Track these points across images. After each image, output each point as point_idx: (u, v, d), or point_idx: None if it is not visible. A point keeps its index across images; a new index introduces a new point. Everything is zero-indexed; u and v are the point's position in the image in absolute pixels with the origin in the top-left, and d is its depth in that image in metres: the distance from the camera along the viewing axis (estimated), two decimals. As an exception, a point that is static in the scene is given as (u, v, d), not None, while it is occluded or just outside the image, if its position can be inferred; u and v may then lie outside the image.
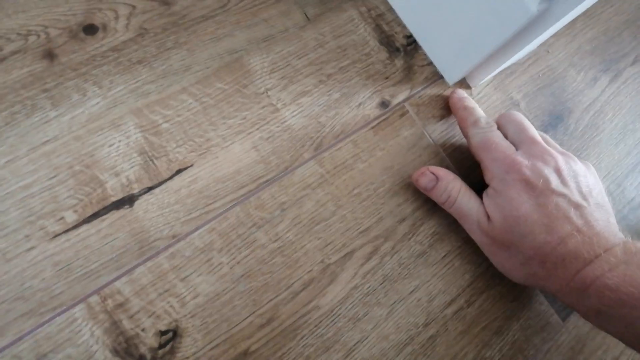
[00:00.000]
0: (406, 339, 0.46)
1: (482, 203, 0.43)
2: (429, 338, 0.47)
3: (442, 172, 0.47)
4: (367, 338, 0.45)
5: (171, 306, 0.41)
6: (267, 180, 0.46)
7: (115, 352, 0.39)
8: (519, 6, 0.44)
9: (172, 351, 0.40)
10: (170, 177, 0.44)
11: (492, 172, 0.42)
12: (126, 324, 0.39)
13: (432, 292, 0.48)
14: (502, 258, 0.43)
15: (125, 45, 0.46)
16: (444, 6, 0.50)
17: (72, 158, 0.42)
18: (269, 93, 0.49)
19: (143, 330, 0.40)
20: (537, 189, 0.40)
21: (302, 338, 0.43)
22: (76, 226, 0.40)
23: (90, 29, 0.45)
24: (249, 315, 0.42)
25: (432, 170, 0.47)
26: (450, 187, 0.46)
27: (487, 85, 0.58)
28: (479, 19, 0.47)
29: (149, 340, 0.40)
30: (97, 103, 0.43)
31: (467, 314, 0.49)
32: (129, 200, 0.42)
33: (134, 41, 0.46)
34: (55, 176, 0.41)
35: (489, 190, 0.44)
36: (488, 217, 0.43)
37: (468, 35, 0.49)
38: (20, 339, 0.37)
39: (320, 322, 0.44)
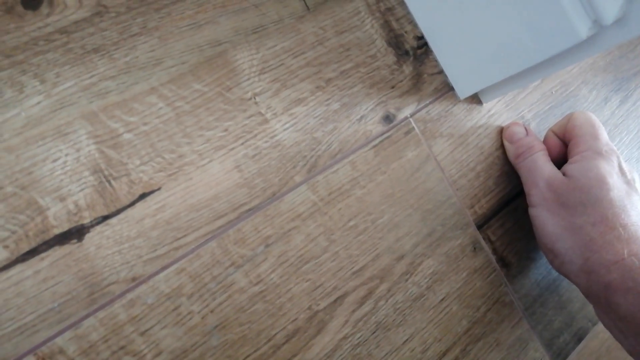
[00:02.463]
0: (397, 395, 0.40)
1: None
2: (422, 393, 0.41)
3: (531, 130, 0.49)
4: (355, 396, 0.39)
5: (128, 368, 0.33)
6: (250, 209, 0.38)
7: None
8: (567, 29, 0.37)
9: None
10: (132, 204, 0.35)
11: (586, 143, 0.44)
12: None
13: (426, 340, 0.43)
14: (560, 218, 0.43)
15: (77, 26, 0.35)
16: (468, 9, 0.41)
17: (2, 176, 0.32)
18: (257, 99, 0.40)
19: None
20: (627, 177, 0.43)
21: (282, 400, 0.36)
22: (6, 266, 0.31)
23: (31, 2, 0.34)
24: (222, 375, 0.35)
25: (525, 125, 0.50)
26: (535, 142, 0.47)
27: (498, 101, 0.51)
28: (512, 33, 0.40)
29: (98, 411, 0.32)
30: (39, 103, 0.33)
31: (462, 363, 0.44)
32: (77, 233, 0.33)
33: (90, 22, 0.36)
34: (-22, 200, 0.31)
35: (576, 157, 0.44)
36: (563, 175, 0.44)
37: (494, 49, 0.42)
38: None
39: (304, 380, 0.37)
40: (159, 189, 0.36)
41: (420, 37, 0.48)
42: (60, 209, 0.33)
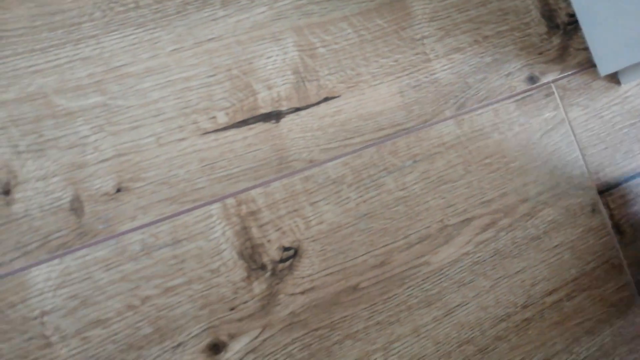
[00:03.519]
0: (503, 315, 0.46)
1: None
2: (524, 320, 0.47)
3: None
4: (467, 304, 0.45)
5: (297, 226, 0.42)
6: (405, 129, 0.46)
7: (241, 255, 0.40)
8: None
9: (291, 268, 0.41)
10: (317, 103, 0.44)
11: None
12: (255, 232, 0.40)
13: (536, 277, 0.48)
14: None
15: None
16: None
17: (232, 61, 0.42)
18: (425, 41, 0.47)
19: (269, 241, 0.41)
20: None
21: (408, 288, 0.44)
22: (225, 128, 0.41)
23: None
24: (365, 254, 0.43)
25: None
26: None
27: (637, 85, 0.55)
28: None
29: (272, 252, 0.41)
30: (263, 12, 0.43)
31: (565, 307, 0.48)
32: (276, 116, 0.42)
33: (309, -42, 0.45)
34: (214, 75, 0.41)
35: None
36: None
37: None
38: (160, 220, 0.38)
39: (428, 277, 0.44)
40: (339, 96, 0.45)
41: (572, 15, 0.54)
42: (267, 95, 0.43)
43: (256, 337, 0.40)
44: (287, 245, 0.41)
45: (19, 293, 0.35)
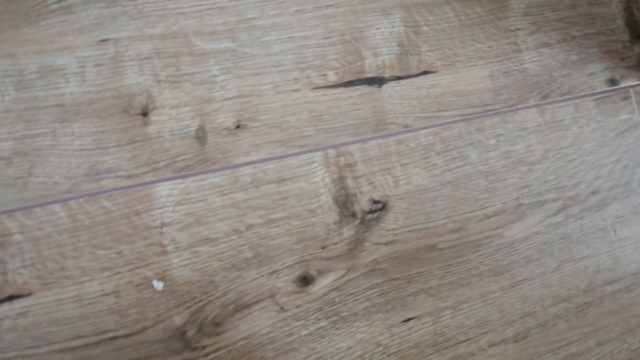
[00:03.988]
0: (564, 296, 0.49)
1: None
2: (584, 303, 0.49)
3: None
4: (532, 280, 0.48)
5: (387, 183, 0.45)
6: (492, 110, 0.49)
7: (335, 200, 0.44)
8: None
9: (378, 219, 0.45)
10: (417, 75, 0.48)
11: None
12: (350, 182, 0.44)
13: (600, 265, 0.51)
14: None
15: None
16: None
17: (345, 27, 0.46)
18: (518, 33, 0.51)
19: (361, 192, 0.45)
20: None
21: (480, 255, 0.47)
22: (334, 86, 0.45)
23: None
24: (445, 218, 0.47)
25: None
26: None
27: None
28: None
29: (363, 203, 0.45)
30: (377, -12, 0.47)
31: (623, 298, 0.51)
32: (379, 81, 0.46)
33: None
34: (329, 37, 0.46)
35: None
36: None
37: None
38: (270, 159, 0.43)
39: (500, 249, 0.48)
40: (436, 71, 0.49)
41: (656, 27, 0.57)
42: (373, 62, 0.47)
43: (341, 277, 0.43)
44: (376, 198, 0.45)
45: (145, 203, 0.40)
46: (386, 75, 0.47)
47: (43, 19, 0.39)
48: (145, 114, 0.40)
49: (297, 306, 0.42)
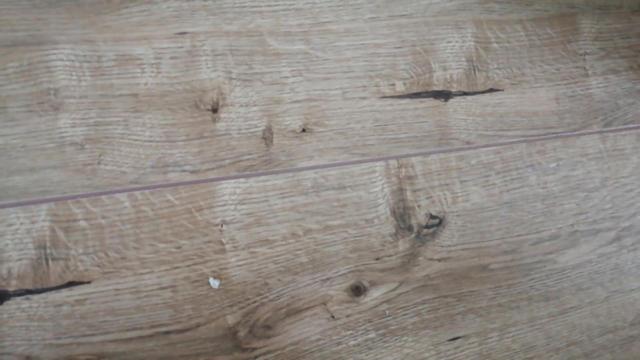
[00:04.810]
0: (611, 327, 0.48)
1: None
2: (630, 337, 0.49)
3: None
4: (581, 308, 0.48)
5: (445, 198, 0.45)
6: (555, 133, 0.49)
7: (393, 212, 0.44)
8: None
9: (433, 235, 0.44)
10: (483, 92, 0.47)
11: None
12: (408, 195, 0.44)
13: (649, 299, 0.50)
14: None
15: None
16: None
17: (417, 38, 0.46)
18: (586, 57, 0.50)
19: (419, 206, 0.44)
20: None
21: (532, 279, 0.46)
22: (401, 96, 0.45)
23: None
24: (499, 239, 0.46)
25: None
26: None
27: None
28: None
29: (420, 217, 0.44)
30: (451, 1, 0.47)
31: (669, 334, 0.50)
32: (445, 95, 0.46)
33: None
34: (400, 47, 0.45)
35: None
36: None
37: None
38: (332, 165, 0.42)
39: (551, 274, 0.47)
40: (502, 90, 0.48)
41: None
42: (441, 75, 0.47)
43: (393, 290, 0.43)
44: (434, 213, 0.44)
45: (207, 199, 0.40)
46: (453, 90, 0.46)
47: (125, 6, 0.39)
48: (215, 110, 0.40)
49: (348, 315, 0.42)
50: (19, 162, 0.36)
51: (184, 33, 0.40)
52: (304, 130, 0.42)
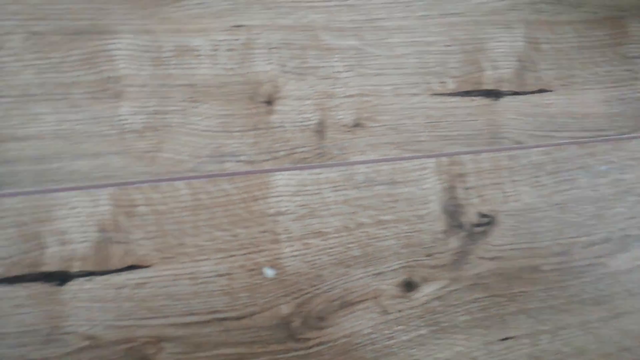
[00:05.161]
0: (665, 334, 0.47)
1: None
2: (684, 345, 0.47)
3: None
4: (632, 314, 0.47)
5: (496, 198, 0.45)
6: (606, 136, 0.48)
7: (444, 210, 0.43)
8: None
9: (484, 234, 0.44)
10: (533, 92, 0.47)
11: None
12: (460, 193, 0.44)
13: (703, 307, 0.48)
14: None
15: None
16: None
17: (468, 37, 0.46)
18: (636, 61, 0.50)
19: (470, 204, 0.44)
20: None
21: (583, 282, 0.46)
22: (452, 94, 0.45)
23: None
24: (550, 240, 0.45)
25: None
26: None
27: None
28: None
29: (471, 215, 0.44)
30: (502, 1, 0.47)
31: None
32: (496, 94, 0.46)
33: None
34: (450, 45, 0.46)
35: None
36: None
37: None
38: (384, 160, 0.42)
39: (603, 278, 0.46)
40: (552, 91, 0.48)
41: None
42: (491, 74, 0.47)
43: (444, 287, 0.43)
44: (485, 212, 0.44)
45: (263, 190, 0.40)
46: (503, 89, 0.46)
47: (186, -1, 0.40)
48: (269, 102, 0.41)
49: (399, 311, 0.41)
50: (82, 147, 0.37)
51: (240, 26, 0.41)
52: (356, 125, 0.42)
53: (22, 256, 0.35)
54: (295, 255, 0.40)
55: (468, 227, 0.43)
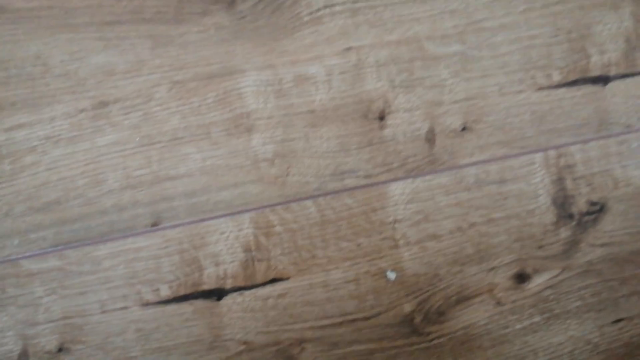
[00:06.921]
0: None
1: None
2: None
3: None
4: None
5: (606, 184, 0.45)
6: None
7: (554, 202, 0.45)
8: None
9: (595, 221, 0.45)
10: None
11: None
12: (568, 184, 0.45)
13: None
14: None
15: None
16: None
17: (572, 24, 0.45)
18: None
19: (579, 194, 0.45)
20: None
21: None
22: (558, 86, 0.46)
23: None
24: (663, 222, 0.46)
25: None
26: None
27: None
28: None
29: (581, 204, 0.45)
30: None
31: None
32: (603, 80, 0.46)
33: None
34: (555, 36, 0.45)
35: None
36: None
37: None
38: (492, 160, 0.44)
39: None
40: None
41: None
42: (598, 60, 0.46)
43: (555, 276, 0.45)
44: (594, 200, 0.45)
45: (380, 201, 0.44)
46: (611, 74, 0.46)
47: (297, 30, 0.43)
48: (381, 118, 0.44)
49: (513, 301, 0.45)
50: (224, 179, 0.42)
51: (350, 48, 0.43)
52: (464, 129, 0.44)
53: (186, 278, 0.42)
54: (414, 258, 0.44)
55: (578, 216, 0.45)
